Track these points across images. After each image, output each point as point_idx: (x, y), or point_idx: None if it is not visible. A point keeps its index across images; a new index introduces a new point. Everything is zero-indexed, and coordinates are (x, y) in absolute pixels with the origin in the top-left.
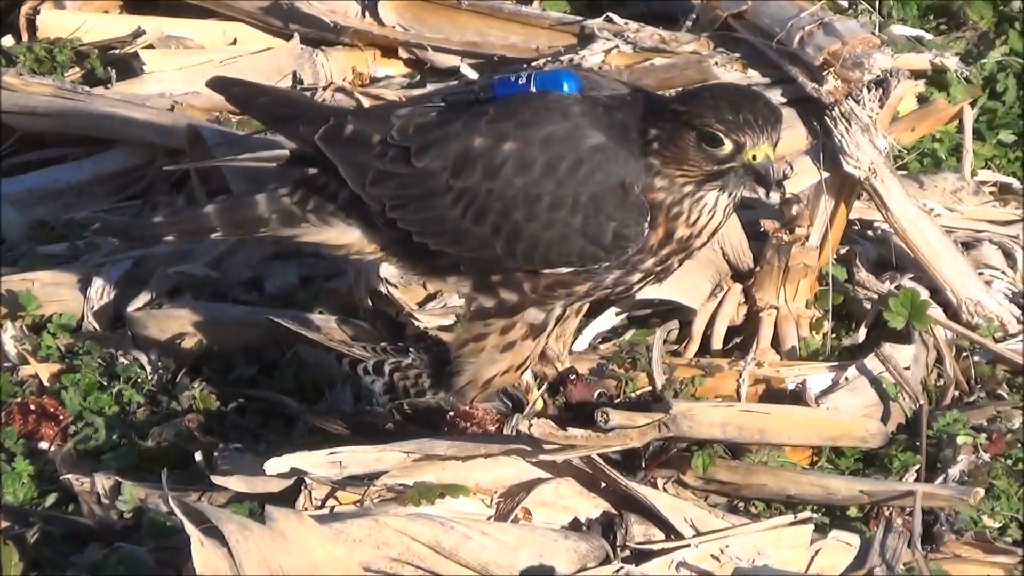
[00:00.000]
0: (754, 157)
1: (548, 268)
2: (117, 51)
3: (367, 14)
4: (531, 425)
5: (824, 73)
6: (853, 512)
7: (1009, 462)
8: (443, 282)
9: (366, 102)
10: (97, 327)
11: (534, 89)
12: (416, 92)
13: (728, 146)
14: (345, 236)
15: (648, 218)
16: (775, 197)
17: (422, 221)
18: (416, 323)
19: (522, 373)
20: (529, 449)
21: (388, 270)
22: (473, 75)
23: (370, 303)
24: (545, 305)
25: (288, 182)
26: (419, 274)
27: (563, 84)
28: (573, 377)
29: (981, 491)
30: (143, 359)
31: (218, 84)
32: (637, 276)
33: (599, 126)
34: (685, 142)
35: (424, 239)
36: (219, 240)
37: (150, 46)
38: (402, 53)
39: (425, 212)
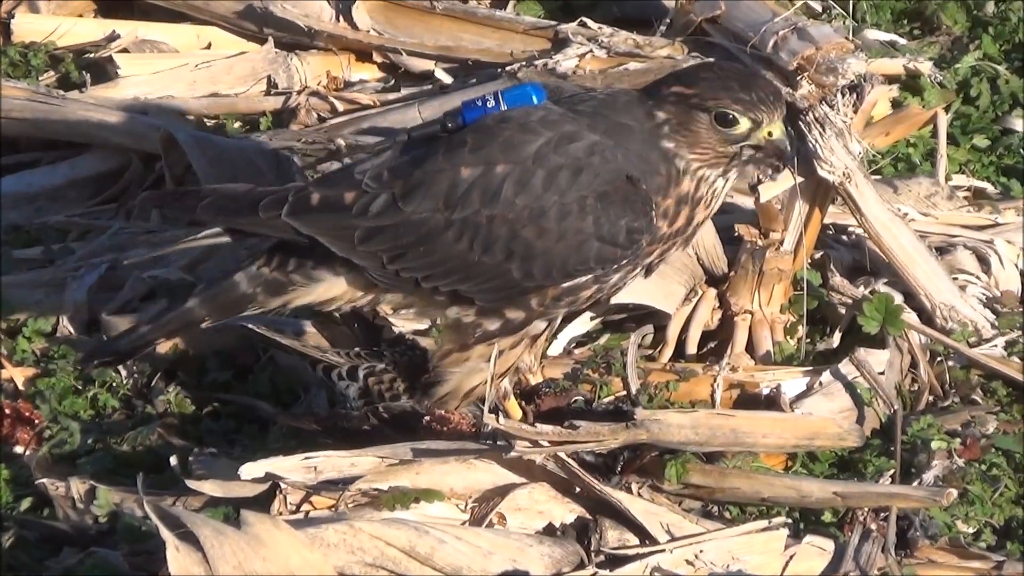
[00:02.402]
0: (770, 133)
1: (568, 280)
2: (92, 55)
3: (341, 18)
4: (498, 418)
5: (798, 78)
6: (828, 517)
7: (983, 467)
8: (441, 314)
9: (340, 106)
10: (72, 331)
11: (504, 107)
12: (391, 96)
13: (745, 125)
14: (334, 288)
15: (653, 206)
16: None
17: (427, 265)
18: (393, 327)
19: (503, 381)
20: (502, 444)
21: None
22: (447, 79)
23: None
24: (549, 315)
25: (262, 253)
26: (416, 310)
27: (531, 97)
28: (546, 390)
29: (954, 492)
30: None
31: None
32: (638, 270)
33: (585, 127)
34: (698, 125)
35: (432, 283)
36: (193, 244)
37: (124, 50)
38: (376, 57)
39: (428, 256)
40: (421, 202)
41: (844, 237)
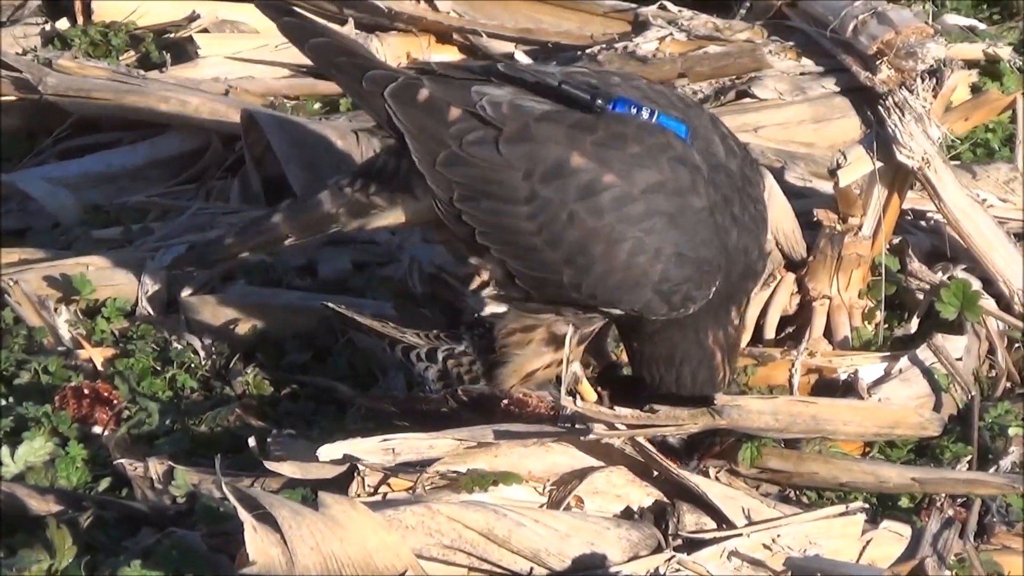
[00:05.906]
0: None
1: (609, 308)
2: (172, 35)
3: (421, 0)
4: (575, 401)
5: (877, 62)
6: (905, 503)
7: None
8: (480, 258)
9: None
10: (151, 312)
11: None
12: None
13: None
14: (408, 212)
15: (716, 284)
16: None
17: (491, 224)
18: (473, 309)
19: (572, 366)
20: (582, 428)
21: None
22: (527, 61)
23: (428, 288)
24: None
25: (347, 174)
26: (461, 250)
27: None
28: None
29: None
30: (197, 344)
31: (272, 9)
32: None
33: (703, 188)
34: None
35: (487, 241)
36: None
37: (205, 30)
38: (456, 39)
39: (497, 216)
40: (521, 157)
41: (923, 222)
